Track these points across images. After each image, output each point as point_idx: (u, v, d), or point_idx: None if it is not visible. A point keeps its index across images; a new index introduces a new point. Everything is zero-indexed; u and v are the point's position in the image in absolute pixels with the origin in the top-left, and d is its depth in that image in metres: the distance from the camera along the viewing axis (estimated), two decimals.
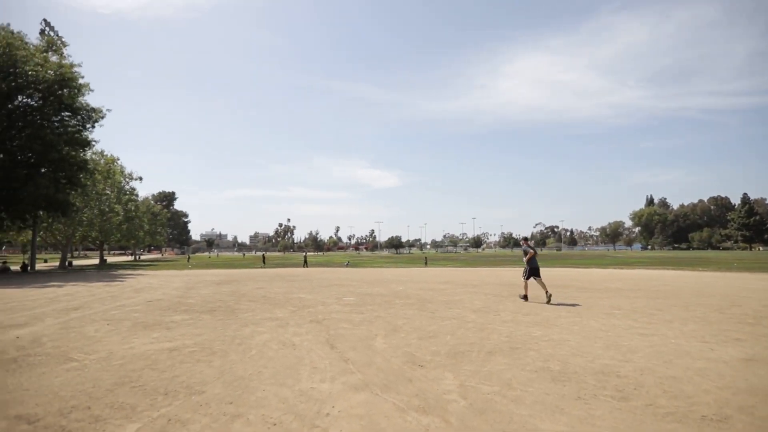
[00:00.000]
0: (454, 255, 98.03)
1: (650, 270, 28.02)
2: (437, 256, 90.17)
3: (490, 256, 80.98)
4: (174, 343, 6.26)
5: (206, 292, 14.16)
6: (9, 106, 27.76)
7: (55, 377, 4.60)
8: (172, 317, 8.76)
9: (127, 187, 56.59)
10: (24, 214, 28.61)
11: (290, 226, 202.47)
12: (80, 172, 31.78)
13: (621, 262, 41.27)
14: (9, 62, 26.81)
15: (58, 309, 10.05)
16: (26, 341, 6.41)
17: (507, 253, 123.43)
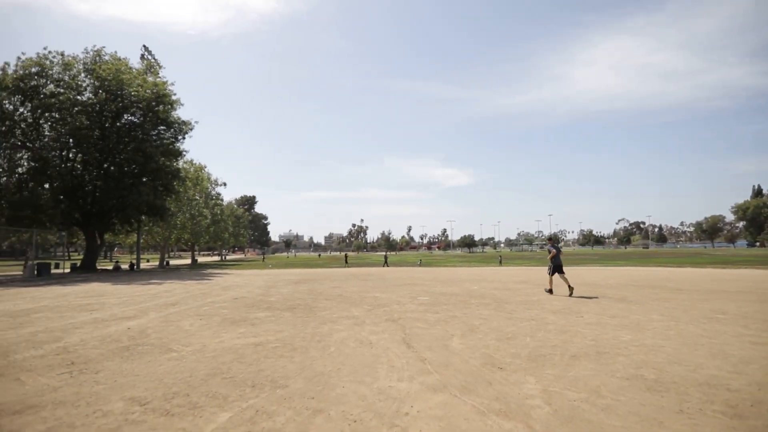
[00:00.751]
0: (529, 253, 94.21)
1: (759, 270, 24.87)
2: (512, 254, 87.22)
3: (568, 255, 76.77)
4: (258, 339, 6.63)
5: (286, 291, 14.86)
6: (117, 124, 31.19)
7: (159, 365, 5.06)
8: (255, 314, 9.30)
9: (213, 192, 61.27)
10: (130, 218, 31.95)
11: (363, 227, 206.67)
12: (174, 180, 34.85)
13: (721, 261, 37.09)
14: (117, 86, 30.11)
15: (159, 304, 11.08)
16: (135, 332, 7.14)
17: (587, 251, 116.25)
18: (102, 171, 30.75)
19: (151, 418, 3.49)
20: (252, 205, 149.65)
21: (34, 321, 8.42)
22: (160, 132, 33.84)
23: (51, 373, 4.76)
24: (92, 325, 7.94)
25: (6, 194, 26.38)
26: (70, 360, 5.34)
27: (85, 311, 9.77)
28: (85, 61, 31.21)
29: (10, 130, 27.58)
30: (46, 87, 28.62)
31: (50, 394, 4.08)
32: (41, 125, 29.10)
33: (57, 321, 8.40)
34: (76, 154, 30.13)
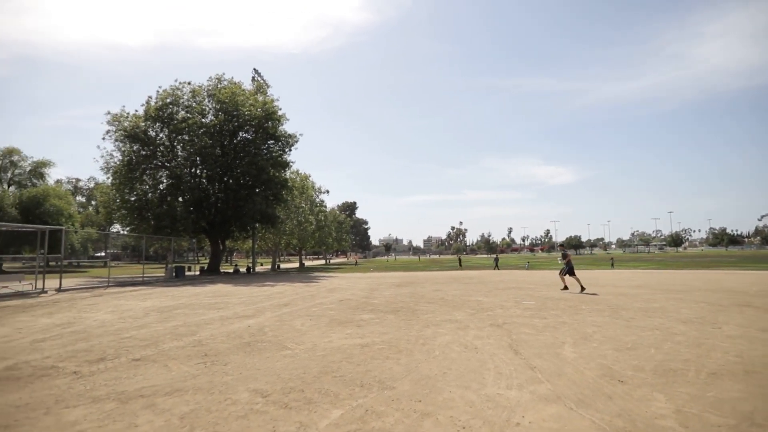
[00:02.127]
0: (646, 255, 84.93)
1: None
2: (625, 256, 79.40)
3: (695, 256, 67.78)
4: (365, 340, 6.85)
5: (388, 294, 15.19)
6: (234, 142, 34.68)
7: (276, 362, 5.48)
8: (361, 316, 9.64)
9: (317, 199, 65.00)
10: (246, 226, 35.24)
11: (462, 229, 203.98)
12: (283, 189, 37.67)
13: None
14: (233, 107, 33.51)
15: (273, 305, 12.03)
16: (255, 330, 7.84)
17: (719, 252, 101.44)
18: (222, 184, 34.35)
19: (272, 409, 3.78)
20: (353, 210, 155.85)
21: (175, 316, 9.67)
22: (270, 146, 36.83)
23: (190, 363, 5.41)
24: (219, 321, 8.88)
25: (151, 207, 30.73)
26: (204, 352, 6.02)
27: (213, 309, 10.96)
28: (208, 87, 35.27)
29: (153, 153, 32.15)
30: (178, 113, 32.86)
31: (191, 380, 4.64)
32: (175, 147, 33.43)
33: (192, 317, 9.54)
34: (202, 171, 34.06)
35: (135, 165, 31.41)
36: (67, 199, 47.52)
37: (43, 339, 7.14)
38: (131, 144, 31.57)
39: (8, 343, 6.86)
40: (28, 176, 48.92)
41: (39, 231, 19.78)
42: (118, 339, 7.06)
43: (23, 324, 8.85)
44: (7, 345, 6.68)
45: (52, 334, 7.64)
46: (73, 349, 6.28)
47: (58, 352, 6.08)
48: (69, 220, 44.43)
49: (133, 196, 32.20)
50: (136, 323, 8.78)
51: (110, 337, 7.26)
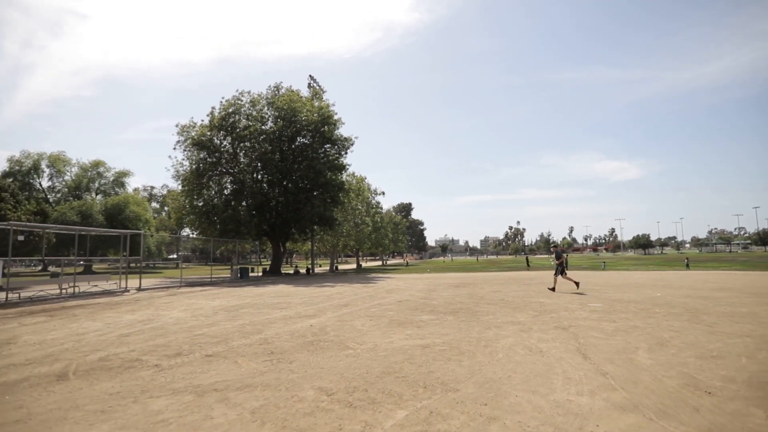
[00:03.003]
0: (727, 255, 77.73)
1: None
2: (702, 256, 73.15)
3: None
4: (425, 341, 6.81)
5: (446, 295, 15.03)
6: (292, 147, 35.88)
7: (339, 361, 5.58)
8: (420, 317, 9.60)
9: (373, 201, 65.69)
10: (305, 228, 36.33)
11: (520, 229, 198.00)
12: (340, 192, 38.45)
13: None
14: (291, 113, 34.71)
15: (333, 305, 12.29)
16: (317, 329, 8.04)
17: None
18: (282, 188, 35.64)
19: (338, 408, 3.85)
20: (409, 211, 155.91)
21: (242, 315, 10.15)
22: (326, 150, 37.73)
23: (257, 360, 5.64)
24: (283, 321, 9.19)
25: (217, 212, 32.51)
26: (270, 350, 6.25)
27: (277, 309, 11.38)
28: (267, 96, 36.81)
29: (218, 160, 34.02)
30: (240, 122, 34.55)
31: (259, 377, 4.83)
32: (238, 153, 35.16)
33: (257, 316, 9.96)
34: (263, 176, 35.55)
35: (202, 172, 33.43)
36: (144, 205, 51.48)
37: (128, 334, 7.75)
38: (198, 152, 33.63)
39: (101, 336, 7.52)
40: (112, 185, 53.52)
41: (122, 235, 21.54)
42: (191, 336, 7.51)
43: (111, 320, 9.67)
44: (99, 338, 7.32)
45: (135, 329, 8.28)
46: (154, 344, 6.76)
47: (141, 347, 6.57)
48: (146, 225, 48.04)
49: (200, 202, 34.24)
50: (206, 321, 9.30)
51: (185, 333, 7.74)
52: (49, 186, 51.15)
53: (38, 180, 49.94)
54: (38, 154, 49.30)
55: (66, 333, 7.98)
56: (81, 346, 6.73)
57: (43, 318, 10.21)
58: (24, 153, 48.38)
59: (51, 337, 7.61)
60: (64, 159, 51.11)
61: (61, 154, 50.92)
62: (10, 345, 6.91)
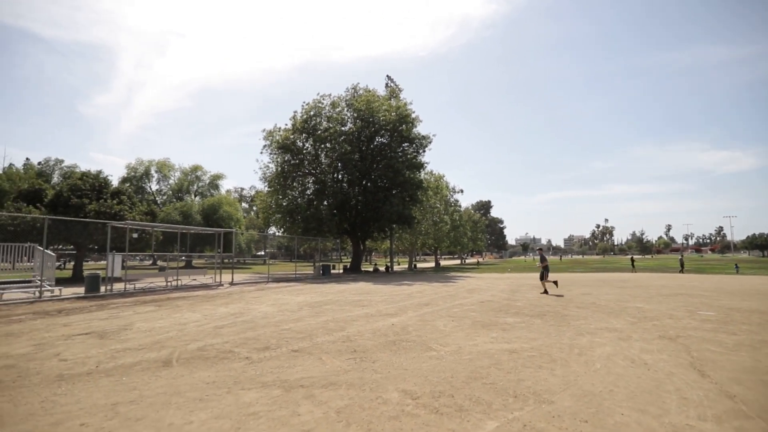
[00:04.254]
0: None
1: None
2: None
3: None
4: (512, 345, 6.45)
5: (531, 296, 14.29)
6: (371, 146, 36.48)
7: (422, 362, 5.45)
8: (504, 319, 9.17)
9: (451, 199, 64.79)
10: (384, 226, 36.76)
11: (608, 227, 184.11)
12: (418, 190, 38.38)
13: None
14: (369, 113, 35.30)
15: (414, 304, 12.20)
16: (398, 328, 7.99)
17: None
18: (362, 187, 36.37)
19: (423, 413, 3.71)
20: (488, 209, 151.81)
21: (325, 312, 10.42)
22: (404, 148, 37.84)
23: (341, 358, 5.69)
24: (365, 319, 9.27)
25: (300, 211, 34.02)
26: (353, 348, 6.29)
27: (358, 307, 11.54)
28: (346, 97, 37.77)
29: (300, 162, 35.59)
30: (320, 124, 35.82)
31: (343, 375, 4.85)
32: (319, 155, 36.47)
33: (339, 313, 10.17)
34: (343, 175, 36.55)
35: (286, 173, 35.18)
36: (235, 206, 55.48)
37: (222, 326, 8.28)
38: (282, 155, 35.42)
39: (199, 327, 8.11)
40: (208, 187, 58.48)
41: (217, 233, 23.32)
42: (278, 330, 7.82)
43: (208, 312, 10.43)
44: (198, 329, 7.90)
45: (228, 322, 8.82)
46: (245, 337, 7.13)
47: (233, 339, 6.96)
48: (237, 224, 51.71)
49: (285, 202, 36.06)
50: (292, 316, 9.67)
51: (272, 328, 8.08)
52: (157, 189, 57.10)
53: (149, 184, 56.00)
54: (148, 161, 55.37)
55: (171, 322, 8.72)
56: (183, 335, 7.29)
57: (152, 307, 11.30)
58: (138, 160, 54.68)
59: (158, 325, 8.35)
60: (168, 165, 56.87)
61: (167, 160, 56.70)
62: (127, 330, 7.68)
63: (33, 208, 22.58)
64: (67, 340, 6.85)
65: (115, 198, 24.88)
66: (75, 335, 7.30)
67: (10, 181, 40.88)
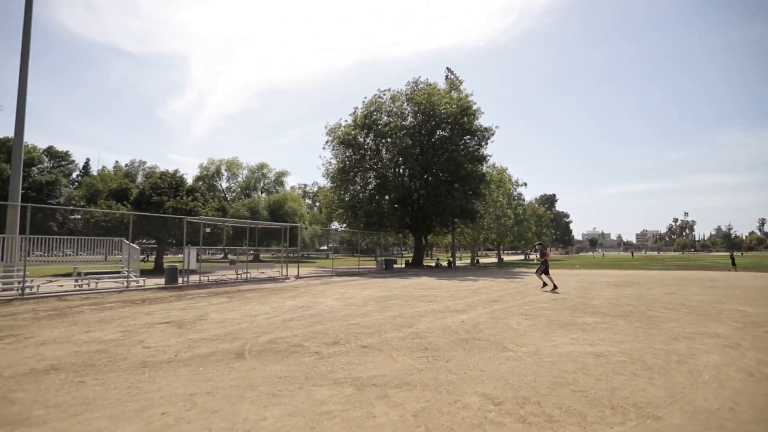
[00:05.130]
0: None
1: None
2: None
3: None
4: (596, 348, 5.89)
5: (607, 294, 13.29)
6: (432, 140, 35.98)
7: (500, 364, 5.09)
8: (583, 318, 8.51)
9: (514, 193, 62.59)
10: (446, 221, 36.18)
11: (688, 221, 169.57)
12: (480, 183, 37.36)
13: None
14: (429, 107, 34.81)
15: (481, 300, 11.74)
16: (469, 326, 7.63)
17: None
18: (423, 181, 36.00)
19: (509, 421, 3.38)
20: (552, 203, 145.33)
21: (391, 307, 10.27)
22: (466, 141, 36.93)
23: (413, 355, 5.46)
24: (432, 315, 9.00)
25: (363, 206, 34.32)
26: (424, 345, 6.04)
27: (424, 302, 11.28)
28: (406, 92, 37.47)
29: (362, 157, 35.87)
30: (381, 119, 35.84)
31: (416, 374, 4.62)
32: (380, 150, 36.53)
33: (406, 308, 9.97)
34: (404, 170, 36.38)
35: (348, 169, 35.61)
36: (299, 201, 57.34)
37: (291, 319, 8.37)
38: (344, 150, 35.87)
39: (269, 319, 8.26)
40: (273, 184, 60.91)
41: (283, 228, 24.09)
42: (346, 325, 7.75)
43: (276, 304, 10.66)
44: (268, 321, 8.04)
45: (296, 315, 8.92)
46: (313, 331, 7.12)
47: (302, 332, 6.97)
48: (301, 219, 53.37)
49: (347, 197, 36.53)
50: (359, 311, 9.60)
51: (340, 322, 8.04)
52: (227, 186, 60.36)
53: (219, 182, 59.32)
54: (219, 161, 58.68)
55: (242, 314, 8.96)
56: (253, 327, 7.43)
57: (224, 299, 11.76)
58: (209, 160, 58.16)
59: (231, 316, 8.61)
60: (237, 163, 59.90)
61: (235, 159, 59.77)
62: (202, 321, 7.98)
63: (121, 206, 24.57)
64: (149, 329, 7.21)
65: (189, 195, 26.45)
66: (156, 324, 7.68)
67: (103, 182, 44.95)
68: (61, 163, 58.51)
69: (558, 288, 14.78)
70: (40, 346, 5.89)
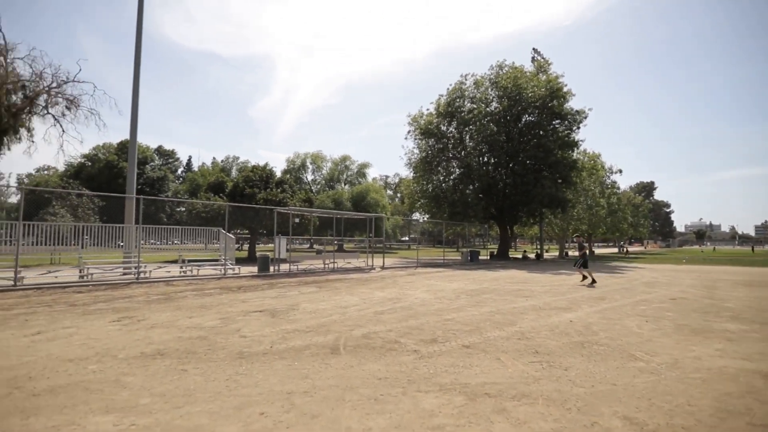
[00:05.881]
0: None
1: None
2: None
3: None
4: (758, 365, 4.78)
5: (741, 295, 11.38)
6: (519, 126, 34.03)
7: (632, 377, 4.25)
8: (721, 324, 7.18)
9: (608, 181, 57.52)
10: (534, 211, 34.13)
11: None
12: (571, 171, 34.67)
13: None
14: (516, 91, 32.89)
15: (585, 296, 10.59)
16: (580, 327, 6.74)
17: None
18: (509, 170, 34.24)
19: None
20: (650, 192, 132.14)
21: (485, 301, 9.59)
22: (555, 126, 34.42)
23: (523, 360, 4.81)
24: (534, 312, 8.17)
25: (447, 196, 33.50)
26: (534, 348, 5.35)
27: (520, 297, 10.42)
28: (489, 76, 35.73)
29: (445, 146, 34.97)
30: (464, 106, 34.58)
31: (534, 384, 3.98)
32: (464, 138, 35.31)
33: (502, 303, 9.22)
34: (489, 158, 34.86)
35: (431, 158, 34.88)
36: (381, 192, 57.85)
37: (382, 311, 8.06)
38: (426, 140, 35.18)
39: (360, 312, 8.02)
40: (356, 176, 62.12)
41: (368, 218, 24.18)
42: (441, 320, 7.24)
43: (365, 295, 10.46)
44: (359, 313, 7.80)
45: (387, 307, 8.60)
46: (407, 326, 6.70)
47: (396, 327, 6.59)
48: (383, 210, 53.76)
49: (430, 187, 35.87)
50: (451, 305, 9.05)
51: (434, 317, 7.55)
52: (312, 179, 62.65)
53: (305, 174, 61.77)
54: (304, 154, 61.16)
55: (332, 305, 8.84)
56: (345, 319, 7.20)
57: (314, 288, 11.84)
58: (295, 154, 60.90)
59: (321, 307, 8.52)
60: (321, 156, 61.94)
61: (319, 152, 61.84)
62: (294, 311, 7.95)
63: (218, 198, 26.29)
64: (245, 317, 7.29)
65: (279, 187, 27.57)
66: (251, 312, 7.77)
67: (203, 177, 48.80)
68: (168, 160, 64.78)
69: (596, 283, 13.91)
70: (149, 330, 6.12)
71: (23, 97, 29.46)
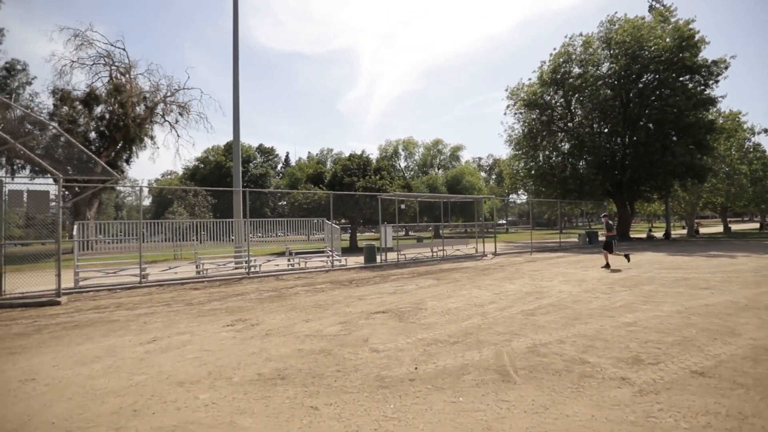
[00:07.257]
0: None
1: None
2: None
3: None
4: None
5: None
6: (639, 86, 29.49)
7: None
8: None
9: (750, 143, 48.50)
10: (664, 184, 29.54)
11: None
12: (708, 134, 29.34)
13: None
14: (635, 46, 28.45)
15: None
16: None
17: None
18: (627, 139, 29.98)
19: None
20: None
21: (654, 295, 7.49)
22: (683, 83, 29.27)
23: None
24: (746, 312, 6.05)
25: (556, 172, 30.34)
26: None
27: (697, 288, 8.15)
28: (599, 35, 31.40)
29: (550, 117, 31.61)
30: (572, 71, 30.84)
31: None
32: (573, 107, 31.64)
33: (681, 298, 7.12)
34: (602, 127, 30.85)
35: (535, 133, 31.77)
36: (476, 175, 55.25)
37: (530, 311, 6.50)
38: (529, 112, 32.11)
39: (501, 311, 6.55)
40: (449, 159, 60.11)
41: (475, 201, 22.45)
42: (620, 325, 5.51)
43: (495, 288, 8.94)
44: (502, 314, 6.33)
45: (533, 305, 7.02)
46: (579, 334, 5.11)
47: (565, 336, 5.03)
48: (479, 192, 51.21)
49: (535, 164, 32.81)
50: (613, 301, 7.19)
51: (605, 320, 5.82)
52: (405, 165, 61.86)
53: (398, 161, 61.15)
54: (395, 141, 60.63)
55: (462, 302, 7.49)
56: (490, 323, 5.79)
57: (431, 281, 10.59)
58: (387, 142, 60.77)
59: (452, 305, 7.20)
60: (412, 142, 60.84)
61: (410, 138, 60.71)
62: (422, 311, 6.74)
63: (317, 188, 26.35)
64: (368, 320, 6.22)
65: (377, 174, 26.86)
66: (373, 313, 6.70)
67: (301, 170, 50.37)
68: (268, 158, 68.37)
69: (611, 267, 12.15)
70: (264, 338, 5.29)
71: (145, 108, 32.31)
